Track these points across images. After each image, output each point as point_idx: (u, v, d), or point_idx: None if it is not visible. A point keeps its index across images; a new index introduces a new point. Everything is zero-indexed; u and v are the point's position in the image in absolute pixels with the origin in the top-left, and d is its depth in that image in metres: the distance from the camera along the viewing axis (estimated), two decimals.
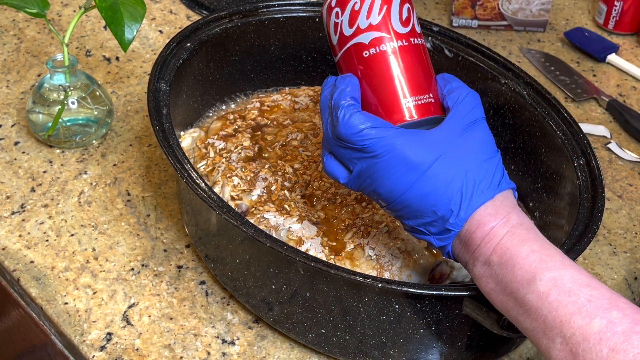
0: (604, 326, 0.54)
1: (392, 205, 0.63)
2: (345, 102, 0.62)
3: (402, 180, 0.61)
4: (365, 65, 0.65)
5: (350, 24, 0.66)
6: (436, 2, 1.26)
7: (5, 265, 0.81)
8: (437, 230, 0.63)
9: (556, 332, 0.56)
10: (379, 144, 0.61)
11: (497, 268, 0.60)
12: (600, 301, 0.55)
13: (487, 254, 0.61)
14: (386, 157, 0.61)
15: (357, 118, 0.61)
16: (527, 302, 0.58)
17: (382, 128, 0.61)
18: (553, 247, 0.61)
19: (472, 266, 0.63)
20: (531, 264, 0.59)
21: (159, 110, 0.77)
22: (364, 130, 0.61)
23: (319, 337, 0.72)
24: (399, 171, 0.61)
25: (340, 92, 0.63)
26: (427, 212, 0.62)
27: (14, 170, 0.91)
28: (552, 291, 0.57)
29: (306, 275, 0.69)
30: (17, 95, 1.01)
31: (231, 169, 0.80)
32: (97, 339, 0.75)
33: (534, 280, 0.58)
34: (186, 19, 1.16)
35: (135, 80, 1.05)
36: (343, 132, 0.62)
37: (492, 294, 0.61)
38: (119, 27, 0.82)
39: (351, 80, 0.65)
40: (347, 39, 0.66)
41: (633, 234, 0.91)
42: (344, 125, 0.61)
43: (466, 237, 0.62)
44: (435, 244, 0.64)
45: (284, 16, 0.93)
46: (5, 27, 1.11)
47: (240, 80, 0.95)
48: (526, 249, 0.60)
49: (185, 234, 0.85)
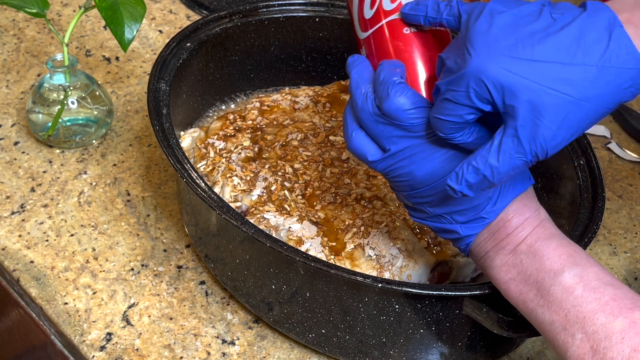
0: (626, 326, 0.54)
1: (423, 191, 0.62)
2: (397, 79, 0.60)
3: (445, 164, 0.60)
4: (405, 42, 0.64)
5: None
6: None
7: (5, 265, 0.81)
8: (466, 218, 0.62)
9: (577, 327, 0.56)
10: (427, 124, 0.60)
11: (524, 257, 0.60)
12: (623, 301, 0.56)
13: (517, 242, 0.61)
14: (433, 138, 0.60)
15: (410, 96, 0.60)
16: (552, 294, 0.58)
17: (430, 109, 0.60)
18: (576, 245, 0.61)
19: (494, 255, 0.62)
20: (560, 256, 0.59)
21: (159, 110, 0.77)
22: (414, 109, 0.60)
23: (319, 337, 0.72)
24: (444, 154, 0.60)
25: (389, 70, 0.61)
26: (462, 199, 0.61)
27: (13, 170, 0.91)
28: (578, 286, 0.57)
29: (306, 276, 0.69)
30: (17, 95, 1.01)
31: (231, 169, 0.80)
32: (97, 339, 0.75)
33: (562, 272, 0.58)
34: (186, 18, 1.16)
35: (135, 80, 1.04)
36: (393, 108, 0.60)
37: (511, 283, 0.61)
38: (118, 27, 0.82)
39: (399, 64, 0.63)
40: (388, 13, 0.64)
41: (633, 234, 0.91)
42: (395, 101, 0.60)
43: (499, 226, 0.62)
44: (461, 233, 0.63)
45: (284, 16, 0.93)
46: (5, 27, 1.11)
47: (240, 80, 0.95)
48: (555, 242, 0.60)
49: (185, 234, 0.85)
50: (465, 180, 0.56)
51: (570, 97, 0.53)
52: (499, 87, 0.54)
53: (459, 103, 0.56)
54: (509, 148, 0.55)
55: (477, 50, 0.54)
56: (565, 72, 0.53)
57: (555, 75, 0.53)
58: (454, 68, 0.56)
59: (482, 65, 0.54)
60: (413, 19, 0.63)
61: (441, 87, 0.57)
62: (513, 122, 0.54)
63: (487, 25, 0.55)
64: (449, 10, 0.60)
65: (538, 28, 0.54)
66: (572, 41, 0.53)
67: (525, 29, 0.54)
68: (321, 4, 0.93)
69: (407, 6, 0.63)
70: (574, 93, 0.53)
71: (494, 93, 0.54)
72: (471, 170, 0.56)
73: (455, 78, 0.55)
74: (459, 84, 0.55)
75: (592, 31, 0.53)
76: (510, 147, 0.55)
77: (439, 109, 0.57)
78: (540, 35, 0.54)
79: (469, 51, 0.55)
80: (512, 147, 0.55)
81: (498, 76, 0.53)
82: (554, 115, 0.53)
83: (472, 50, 0.55)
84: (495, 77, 0.54)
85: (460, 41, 0.57)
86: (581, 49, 0.53)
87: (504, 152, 0.55)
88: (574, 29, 0.53)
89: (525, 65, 0.53)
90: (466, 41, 0.55)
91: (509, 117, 0.54)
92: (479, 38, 0.55)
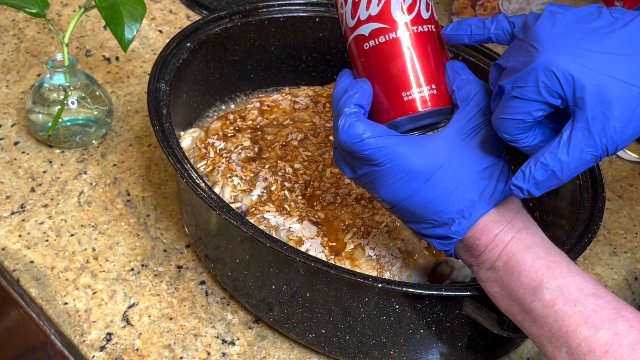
0: (609, 338, 0.53)
1: (393, 210, 0.63)
2: (348, 110, 0.61)
3: (404, 188, 0.61)
4: (365, 57, 0.63)
5: (352, 15, 0.64)
6: (436, 2, 1.26)
7: (5, 266, 0.81)
8: (439, 235, 0.63)
9: (562, 341, 0.55)
10: (379, 152, 0.60)
11: (503, 274, 0.60)
12: (606, 311, 0.55)
13: (492, 260, 0.61)
14: (387, 165, 0.60)
15: (357, 127, 0.60)
16: (533, 310, 0.58)
17: (382, 137, 0.60)
18: (558, 252, 0.60)
19: (477, 269, 0.63)
20: (537, 271, 0.58)
21: (159, 110, 0.77)
22: (364, 140, 0.59)
23: (319, 337, 0.72)
24: (400, 179, 0.60)
25: (347, 97, 0.62)
26: (428, 219, 0.62)
27: (13, 170, 0.91)
28: (558, 300, 0.56)
29: (306, 276, 0.69)
30: (17, 95, 1.01)
31: (231, 169, 0.80)
32: (97, 339, 0.75)
33: (540, 288, 0.57)
34: (186, 18, 1.16)
35: (135, 80, 1.04)
36: (342, 141, 0.60)
37: (497, 297, 0.61)
38: (118, 27, 0.82)
39: (362, 86, 0.62)
40: (351, 30, 0.64)
41: (633, 234, 0.91)
42: (343, 133, 0.60)
43: (469, 244, 0.62)
44: (437, 248, 0.64)
45: (284, 16, 0.93)
46: (5, 27, 1.11)
47: (240, 80, 0.95)
48: (532, 256, 0.59)
49: (185, 234, 0.85)
50: (534, 177, 0.55)
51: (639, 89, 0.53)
52: (569, 78, 0.53)
53: (528, 99, 0.55)
54: (579, 142, 0.54)
55: (544, 45, 0.54)
56: (633, 64, 0.53)
57: (625, 68, 0.53)
58: (518, 66, 0.55)
59: (551, 57, 0.53)
60: (456, 39, 0.62)
61: (506, 86, 0.56)
62: (583, 115, 0.53)
63: (551, 23, 0.55)
64: (497, 25, 0.60)
65: (602, 25, 0.54)
66: (638, 35, 0.53)
67: (589, 26, 0.54)
68: (321, 4, 0.93)
69: (447, 28, 0.63)
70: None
71: (564, 85, 0.53)
72: (539, 167, 0.55)
73: (523, 74, 0.55)
74: (526, 79, 0.54)
75: None
76: (581, 140, 0.54)
77: (505, 108, 0.56)
78: (606, 31, 0.54)
79: (534, 47, 0.54)
80: (582, 141, 0.54)
81: (568, 67, 0.53)
82: (624, 107, 0.53)
83: (539, 46, 0.54)
84: (566, 68, 0.53)
85: (519, 43, 0.56)
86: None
87: (574, 146, 0.54)
88: (637, 24, 0.54)
89: (593, 57, 0.53)
90: (530, 39, 0.55)
91: (579, 110, 0.53)
92: (544, 34, 0.55)
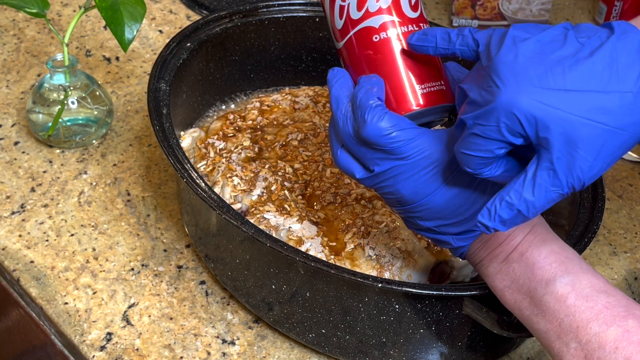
0: (620, 335, 0.54)
1: (412, 207, 0.62)
2: (373, 103, 0.59)
3: (430, 182, 0.60)
4: (375, 50, 0.63)
5: (359, 7, 0.63)
6: (436, 2, 1.26)
7: (5, 265, 0.81)
8: (458, 230, 0.62)
9: (571, 336, 0.56)
10: (408, 145, 0.59)
11: (517, 266, 0.60)
12: (617, 309, 0.55)
13: (508, 251, 0.61)
14: (416, 158, 0.59)
15: (387, 120, 0.59)
16: (544, 303, 0.58)
17: (410, 129, 0.59)
18: (570, 249, 0.61)
19: (488, 263, 0.62)
20: (551, 265, 0.59)
21: (159, 110, 0.77)
22: (392, 133, 0.58)
23: (319, 337, 0.72)
24: (428, 172, 0.59)
25: (366, 91, 0.60)
26: (451, 214, 0.61)
27: (13, 170, 0.91)
28: (570, 295, 0.57)
29: (306, 276, 0.69)
30: (17, 95, 1.01)
31: (231, 169, 0.80)
32: (97, 339, 0.75)
33: (554, 281, 0.58)
34: (186, 18, 1.16)
35: (135, 80, 1.04)
36: (371, 134, 0.59)
37: (506, 291, 0.61)
38: (119, 27, 0.82)
39: (377, 81, 0.61)
40: (355, 22, 0.63)
41: (633, 234, 0.91)
42: (372, 127, 0.59)
43: (489, 236, 0.62)
44: (453, 244, 0.63)
45: (284, 16, 0.93)
46: (5, 27, 1.11)
47: (240, 80, 0.95)
48: (547, 249, 0.59)
49: (185, 234, 0.85)
50: (499, 216, 0.54)
51: (606, 127, 0.50)
52: (532, 120, 0.51)
53: (489, 138, 0.53)
54: (544, 182, 0.52)
55: (506, 82, 0.52)
56: (600, 101, 0.50)
57: (590, 105, 0.50)
58: (479, 101, 0.53)
59: (512, 98, 0.51)
60: (421, 49, 0.61)
61: (467, 121, 0.54)
62: (548, 155, 0.52)
63: (513, 54, 0.52)
64: (462, 40, 0.58)
65: (566, 54, 0.51)
66: (604, 67, 0.51)
67: (553, 56, 0.52)
68: None
69: (413, 37, 0.61)
70: (610, 122, 0.50)
71: (526, 127, 0.51)
72: (505, 206, 0.54)
73: (484, 112, 0.53)
74: (488, 118, 0.52)
75: (623, 55, 0.51)
76: (546, 180, 0.52)
77: (466, 143, 0.55)
78: (570, 62, 0.51)
79: (496, 83, 0.52)
80: (547, 181, 0.52)
81: (531, 109, 0.51)
82: (591, 145, 0.51)
83: (500, 83, 0.52)
84: (528, 110, 0.51)
85: (482, 72, 0.54)
86: (614, 75, 0.51)
87: (539, 186, 0.53)
88: (604, 54, 0.51)
89: (557, 95, 0.51)
90: (491, 72, 0.53)
91: (543, 149, 0.52)
92: (505, 69, 0.52)
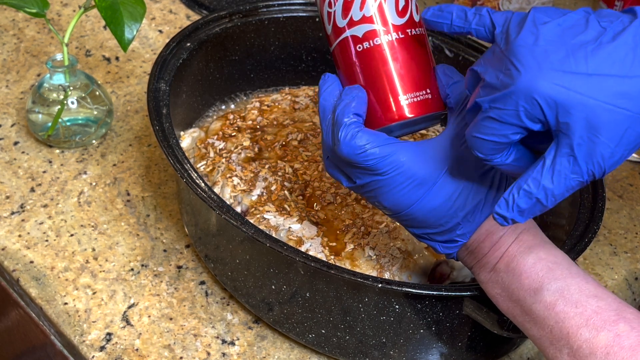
0: (610, 340, 0.53)
1: (396, 217, 0.62)
2: (347, 120, 0.59)
3: (409, 196, 0.60)
4: (358, 59, 0.62)
5: (343, 15, 0.62)
6: (436, 1, 1.26)
7: (5, 266, 0.81)
8: (443, 239, 0.63)
9: (563, 343, 0.55)
10: (383, 162, 0.59)
11: (504, 275, 0.60)
12: (607, 313, 0.55)
13: (494, 262, 0.61)
14: (392, 174, 0.59)
15: (359, 138, 0.58)
16: (534, 312, 0.57)
17: (385, 146, 0.59)
18: (560, 253, 0.60)
19: (478, 271, 0.63)
20: (538, 273, 0.58)
21: (158, 110, 0.77)
22: (367, 151, 0.58)
23: (319, 337, 0.72)
24: (405, 187, 0.59)
25: (344, 106, 0.60)
26: (433, 224, 0.61)
27: (13, 170, 0.91)
28: (558, 302, 0.56)
29: (306, 276, 0.69)
30: (16, 95, 1.01)
31: (231, 169, 0.80)
32: (96, 339, 0.75)
33: (541, 289, 0.57)
34: (186, 18, 1.16)
35: (135, 80, 1.04)
36: (345, 152, 0.59)
37: (498, 298, 0.61)
38: (118, 26, 0.82)
39: (358, 93, 0.61)
40: (340, 30, 0.63)
41: (633, 234, 0.91)
42: (345, 145, 0.59)
43: (474, 246, 0.62)
44: (440, 251, 0.64)
45: (284, 16, 0.92)
46: (5, 27, 1.11)
47: (240, 80, 0.95)
48: (533, 257, 0.59)
49: (185, 234, 0.85)
50: (517, 205, 0.53)
51: (629, 112, 0.49)
52: (552, 105, 0.50)
53: (506, 122, 0.52)
54: (564, 168, 0.51)
55: (526, 65, 0.50)
56: (622, 86, 0.49)
57: (612, 90, 0.49)
58: (496, 84, 0.52)
59: (533, 81, 0.50)
60: (435, 25, 0.59)
61: (483, 104, 0.52)
62: (568, 141, 0.50)
63: (533, 37, 0.51)
64: (479, 20, 0.56)
65: (588, 38, 0.50)
66: (628, 51, 0.49)
67: (575, 40, 0.50)
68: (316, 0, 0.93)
69: (428, 12, 0.59)
70: (632, 107, 0.49)
71: (547, 111, 0.50)
72: (523, 195, 0.53)
73: (502, 96, 0.51)
74: (505, 101, 0.51)
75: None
76: (566, 167, 0.51)
77: (480, 127, 0.53)
78: (593, 47, 0.50)
79: (515, 66, 0.51)
80: (567, 167, 0.51)
81: (552, 93, 0.49)
82: (613, 131, 0.49)
83: (520, 66, 0.50)
84: (549, 94, 0.49)
85: (499, 54, 0.53)
86: (638, 59, 0.49)
87: (558, 173, 0.51)
88: (628, 38, 0.50)
89: (579, 79, 0.49)
90: (510, 55, 0.51)
91: (563, 135, 0.50)
92: (525, 52, 0.51)
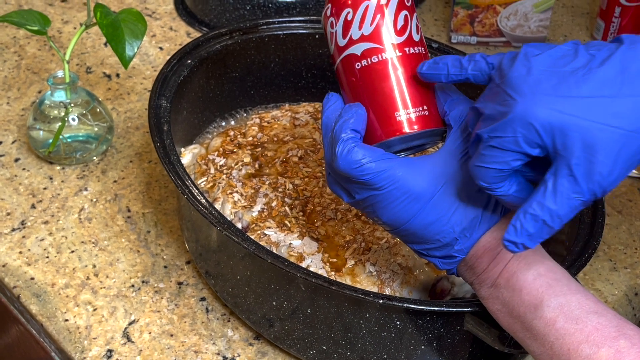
0: (611, 356, 0.53)
1: (395, 232, 0.63)
2: (345, 136, 0.60)
3: (406, 211, 0.60)
4: (357, 77, 0.64)
5: (343, 35, 0.64)
6: (435, 18, 1.27)
7: (6, 282, 0.81)
8: (441, 254, 0.63)
9: (564, 359, 0.55)
10: (379, 177, 0.60)
11: (504, 291, 0.60)
12: (607, 329, 0.55)
13: (494, 277, 0.61)
14: (388, 188, 0.60)
15: (355, 153, 0.60)
16: (534, 328, 0.57)
17: (381, 161, 0.60)
18: (559, 269, 0.60)
19: (479, 287, 0.63)
20: (538, 289, 0.58)
21: (159, 126, 0.77)
22: (363, 165, 0.59)
23: (320, 353, 0.72)
24: (402, 202, 0.60)
25: (342, 123, 0.61)
26: (431, 239, 0.62)
27: (14, 186, 0.91)
28: (559, 318, 0.56)
29: (307, 292, 0.69)
30: (17, 112, 1.01)
31: (232, 186, 0.80)
32: (97, 356, 0.75)
33: (541, 306, 0.57)
34: (186, 35, 1.17)
35: (136, 96, 1.05)
36: (342, 167, 0.60)
37: (498, 314, 0.61)
38: (119, 44, 0.82)
39: (357, 110, 0.62)
40: (341, 49, 0.65)
41: (633, 250, 0.91)
42: (342, 160, 0.60)
43: (472, 262, 0.62)
44: (439, 267, 0.64)
45: (284, 33, 0.93)
46: (6, 44, 1.12)
47: (240, 96, 0.95)
48: (533, 273, 0.59)
49: (186, 250, 0.85)
50: (526, 230, 0.54)
51: (622, 130, 0.51)
52: (548, 128, 0.52)
53: (506, 149, 0.54)
54: (565, 189, 0.53)
55: (521, 93, 0.53)
56: (614, 106, 0.51)
57: (605, 110, 0.51)
58: (495, 115, 0.54)
59: (528, 108, 0.52)
60: (433, 78, 0.61)
61: (483, 135, 0.55)
62: (566, 162, 0.52)
63: (526, 69, 0.54)
64: (474, 65, 0.59)
65: (578, 65, 0.53)
66: (616, 73, 0.52)
67: (566, 68, 0.53)
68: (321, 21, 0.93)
69: (424, 66, 0.62)
70: (625, 125, 0.51)
71: (543, 135, 0.52)
72: (529, 219, 0.54)
73: (500, 125, 0.53)
74: (504, 129, 0.53)
75: (634, 62, 0.52)
76: (567, 187, 0.53)
77: (482, 157, 0.55)
78: (583, 72, 0.52)
79: (511, 96, 0.53)
80: (568, 188, 0.53)
81: (547, 117, 0.52)
82: (609, 150, 0.51)
83: (516, 95, 0.53)
84: (544, 118, 0.52)
85: (495, 89, 0.55)
86: (627, 81, 0.52)
87: (560, 194, 0.53)
88: (615, 62, 0.52)
89: (572, 103, 0.52)
90: (505, 87, 0.54)
91: (561, 157, 0.52)
92: (520, 82, 0.53)
